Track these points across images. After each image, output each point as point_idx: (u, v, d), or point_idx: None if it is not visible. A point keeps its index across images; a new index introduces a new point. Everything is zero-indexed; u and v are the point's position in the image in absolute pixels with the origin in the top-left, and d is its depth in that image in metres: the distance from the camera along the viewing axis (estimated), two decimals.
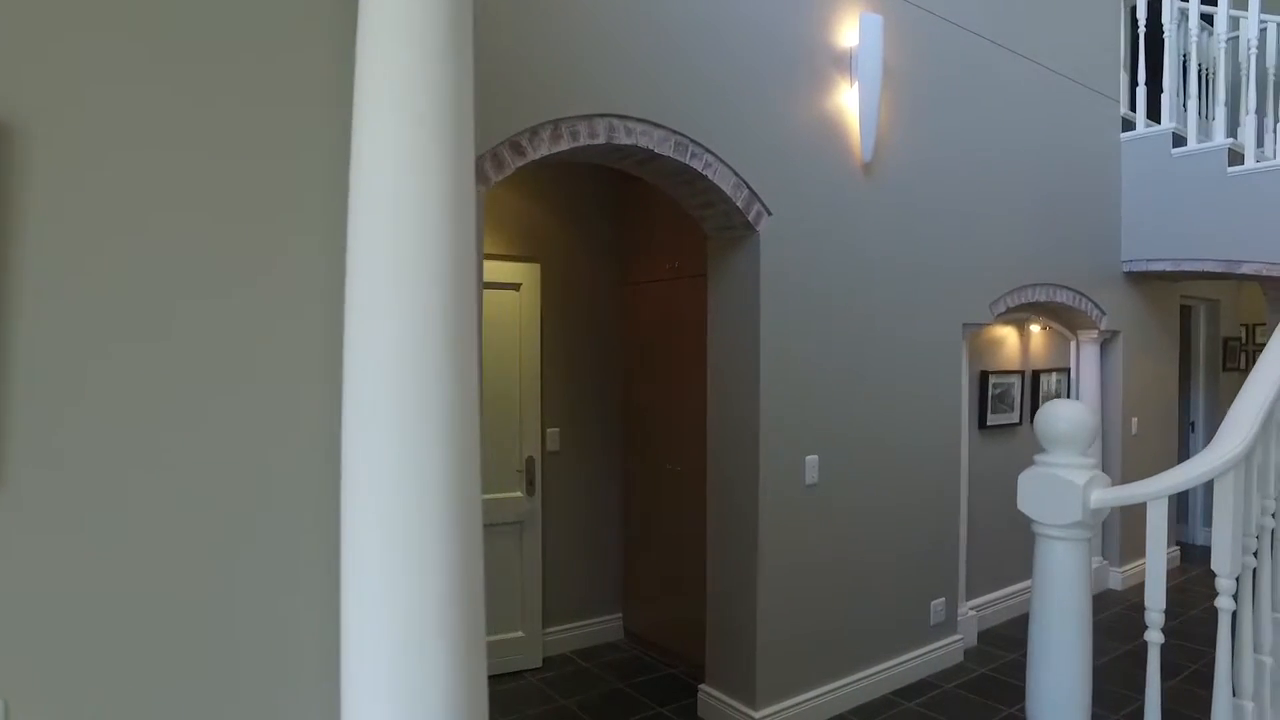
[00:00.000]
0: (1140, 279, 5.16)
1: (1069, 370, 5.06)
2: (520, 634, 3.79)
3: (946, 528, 3.89)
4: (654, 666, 3.89)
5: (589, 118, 2.61)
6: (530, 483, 3.79)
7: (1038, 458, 2.16)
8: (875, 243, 3.49)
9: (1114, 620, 4.56)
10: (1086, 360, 5.10)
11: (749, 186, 3.01)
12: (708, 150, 2.88)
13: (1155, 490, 2.01)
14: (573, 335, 4.09)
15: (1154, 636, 2.05)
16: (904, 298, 3.63)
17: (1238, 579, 2.06)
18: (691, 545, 3.69)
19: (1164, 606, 2.03)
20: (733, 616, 3.21)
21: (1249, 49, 4.33)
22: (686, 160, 2.83)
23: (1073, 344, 5.11)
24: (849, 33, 3.34)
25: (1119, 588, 5.13)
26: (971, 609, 4.23)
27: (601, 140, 2.63)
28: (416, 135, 1.04)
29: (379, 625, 1.05)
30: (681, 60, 2.83)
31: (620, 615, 4.24)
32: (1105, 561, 5.14)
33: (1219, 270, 4.54)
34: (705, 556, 3.41)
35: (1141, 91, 4.88)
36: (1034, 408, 4.76)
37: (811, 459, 3.23)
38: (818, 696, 3.30)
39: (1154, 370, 5.38)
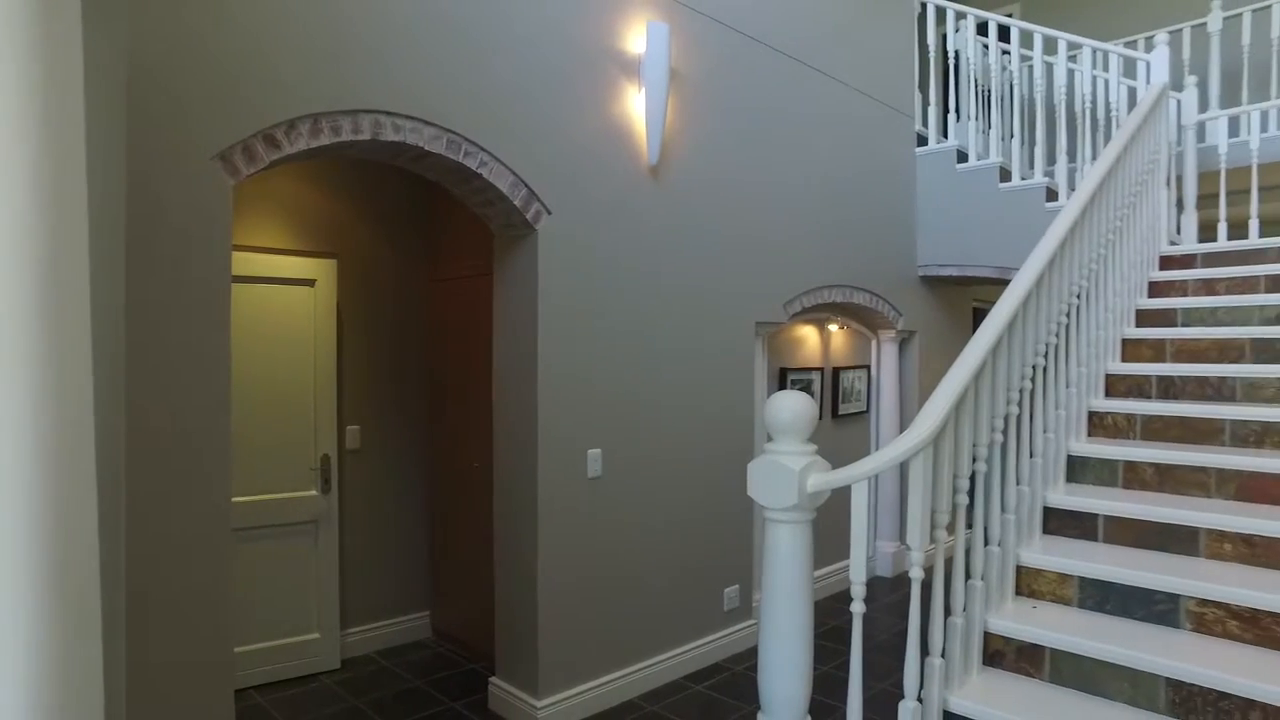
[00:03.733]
0: (934, 283, 5.58)
1: (869, 368, 5.42)
2: (316, 635, 3.71)
3: (739, 517, 4.08)
4: (457, 663, 3.90)
5: (353, 113, 2.60)
6: (326, 481, 3.72)
7: (765, 446, 2.32)
8: (662, 243, 3.62)
9: (905, 600, 4.91)
10: (886, 358, 5.47)
11: (527, 185, 3.07)
12: (483, 149, 2.93)
13: (857, 474, 2.20)
14: (376, 332, 4.04)
15: (857, 608, 2.24)
16: (692, 296, 3.78)
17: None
18: (491, 540, 3.72)
19: (865, 579, 2.23)
20: (516, 607, 3.27)
21: (1017, 79, 4.78)
22: (460, 159, 2.86)
23: (873, 343, 5.47)
24: (637, 39, 3.47)
25: None
26: None
27: (366, 136, 2.62)
28: None
29: None
30: (457, 60, 2.86)
31: (428, 613, 4.22)
32: (905, 546, 5.53)
33: (993, 276, 4.98)
34: None
35: (934, 110, 5.30)
36: (835, 403, 5.07)
37: (594, 453, 3.33)
38: (606, 683, 3.41)
39: (947, 368, 5.82)
